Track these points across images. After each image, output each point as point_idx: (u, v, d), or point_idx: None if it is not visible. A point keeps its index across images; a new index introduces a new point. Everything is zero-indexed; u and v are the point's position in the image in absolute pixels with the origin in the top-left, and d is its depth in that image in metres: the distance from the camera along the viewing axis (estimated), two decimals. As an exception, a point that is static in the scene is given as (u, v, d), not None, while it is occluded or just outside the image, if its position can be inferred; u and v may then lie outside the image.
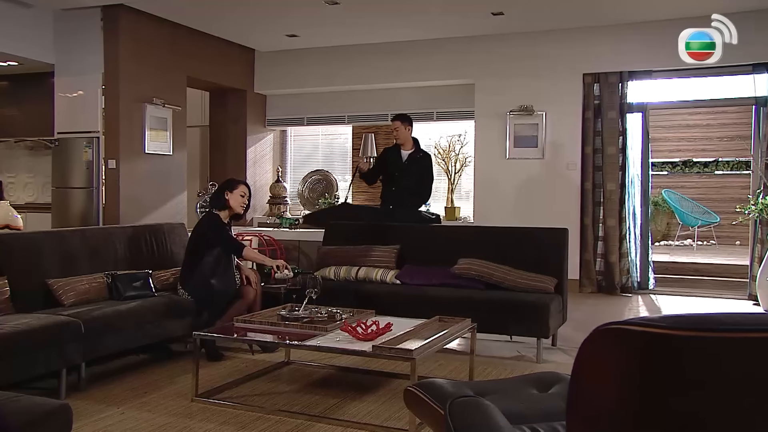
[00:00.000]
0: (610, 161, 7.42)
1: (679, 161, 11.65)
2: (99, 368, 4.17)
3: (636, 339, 1.11)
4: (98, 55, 6.97)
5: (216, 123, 9.16)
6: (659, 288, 7.60)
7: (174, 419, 3.37)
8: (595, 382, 1.17)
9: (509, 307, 4.42)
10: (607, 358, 1.15)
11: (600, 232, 7.48)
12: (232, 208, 4.62)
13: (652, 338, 1.09)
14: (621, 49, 7.34)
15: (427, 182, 5.94)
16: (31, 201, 8.21)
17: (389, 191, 6.02)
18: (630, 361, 1.11)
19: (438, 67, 8.10)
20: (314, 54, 8.70)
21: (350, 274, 5.25)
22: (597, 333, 1.16)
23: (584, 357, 1.18)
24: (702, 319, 1.12)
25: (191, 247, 4.64)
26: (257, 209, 9.15)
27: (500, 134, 7.80)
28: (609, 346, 1.14)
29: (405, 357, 3.18)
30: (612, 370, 1.14)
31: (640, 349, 1.11)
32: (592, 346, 1.16)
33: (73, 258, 4.33)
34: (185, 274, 4.61)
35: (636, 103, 7.45)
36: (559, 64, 7.56)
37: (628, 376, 1.12)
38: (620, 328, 1.12)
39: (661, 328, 1.09)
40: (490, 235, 5.26)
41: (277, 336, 3.74)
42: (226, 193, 4.60)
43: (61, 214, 7.15)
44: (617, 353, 1.13)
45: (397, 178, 5.92)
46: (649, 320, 1.11)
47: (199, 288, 4.52)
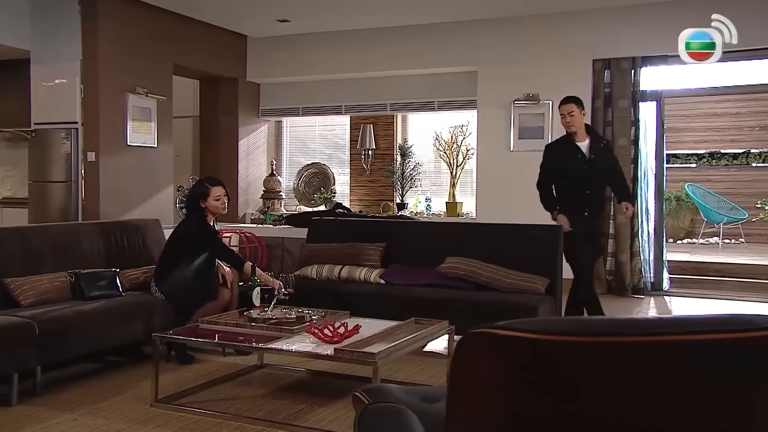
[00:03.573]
0: (621, 154, 7.30)
1: (706, 153, 11.53)
2: (62, 372, 4.23)
3: (503, 343, 1.11)
4: (76, 41, 7.04)
5: (207, 113, 9.21)
6: (675, 289, 7.53)
7: (128, 425, 3.41)
8: (468, 387, 1.18)
9: (494, 309, 4.41)
10: (477, 363, 1.16)
11: (610, 229, 7.43)
12: (212, 213, 4.67)
13: (519, 342, 1.10)
14: (634, 33, 7.27)
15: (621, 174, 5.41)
16: (9, 196, 8.32)
17: (581, 194, 5.15)
18: (498, 366, 1.12)
19: (439, 53, 8.08)
20: (309, 40, 8.72)
21: (333, 273, 5.28)
22: (467, 337, 1.16)
23: (457, 361, 1.18)
24: (575, 323, 1.12)
25: (175, 246, 4.66)
26: (250, 204, 9.20)
27: (504, 125, 7.77)
28: (478, 350, 1.15)
29: (366, 360, 3.20)
30: (483, 374, 1.15)
31: (507, 353, 1.11)
32: (463, 350, 1.17)
33: (35, 256, 4.39)
34: (162, 272, 4.64)
35: (650, 91, 7.38)
36: (567, 50, 7.51)
37: (497, 380, 1.13)
38: (488, 332, 1.12)
39: (527, 332, 1.09)
40: (482, 232, 5.26)
41: (242, 338, 3.77)
42: (202, 202, 4.63)
43: (39, 209, 7.25)
44: (487, 357, 1.14)
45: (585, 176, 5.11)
46: (516, 324, 1.11)
47: (176, 288, 4.56)
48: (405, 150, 8.75)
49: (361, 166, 9.02)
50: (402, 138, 8.99)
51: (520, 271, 4.77)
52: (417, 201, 8.64)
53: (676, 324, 1.10)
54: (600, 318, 1.13)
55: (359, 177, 9.13)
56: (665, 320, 1.16)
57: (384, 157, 8.95)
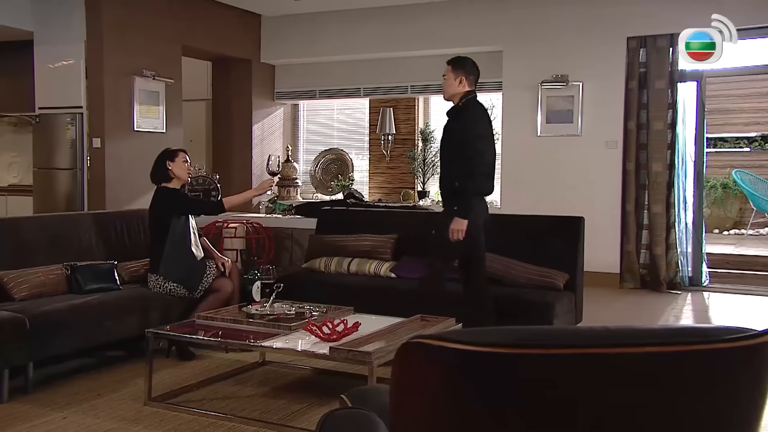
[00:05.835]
0: (656, 138, 7.27)
1: (757, 136, 11.29)
2: (57, 368, 4.34)
3: (436, 355, 1.13)
4: (80, 21, 7.15)
5: (219, 97, 9.31)
6: (715, 285, 7.42)
7: (119, 425, 3.50)
8: (406, 398, 1.20)
9: (507, 305, 4.41)
10: (414, 373, 1.18)
11: (644, 219, 7.35)
12: (178, 177, 4.77)
13: (452, 354, 1.11)
14: (672, 8, 7.15)
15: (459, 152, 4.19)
16: (15, 183, 8.51)
17: None
18: (431, 377, 1.14)
19: (463, 32, 8.04)
20: (326, 18, 8.74)
21: (342, 266, 5.32)
22: (403, 347, 1.18)
23: (395, 372, 1.21)
24: (518, 334, 1.13)
25: (155, 230, 4.76)
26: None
27: (531, 108, 7.72)
28: (414, 362, 1.17)
29: (362, 360, 3.24)
30: (418, 384, 1.17)
31: (441, 365, 1.13)
32: (400, 361, 1.19)
33: (29, 248, 4.50)
34: (155, 260, 4.71)
35: (689, 71, 7.26)
36: (600, 27, 7.42)
37: (432, 392, 1.15)
38: (422, 342, 1.14)
39: (460, 344, 1.11)
40: (499, 223, 5.22)
41: (238, 335, 3.83)
42: (168, 164, 4.73)
43: (44, 197, 7.41)
44: (421, 369, 1.16)
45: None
46: (449, 335, 1.13)
47: (175, 268, 4.62)
48: (427, 135, 8.74)
49: (380, 152, 9.04)
50: (423, 122, 8.99)
51: (539, 266, 4.75)
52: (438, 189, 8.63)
53: (620, 335, 1.10)
54: (528, 329, 1.13)
55: (378, 163, 9.15)
56: (613, 331, 1.17)
57: (405, 142, 8.95)
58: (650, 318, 6.18)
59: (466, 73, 4.33)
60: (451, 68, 4.37)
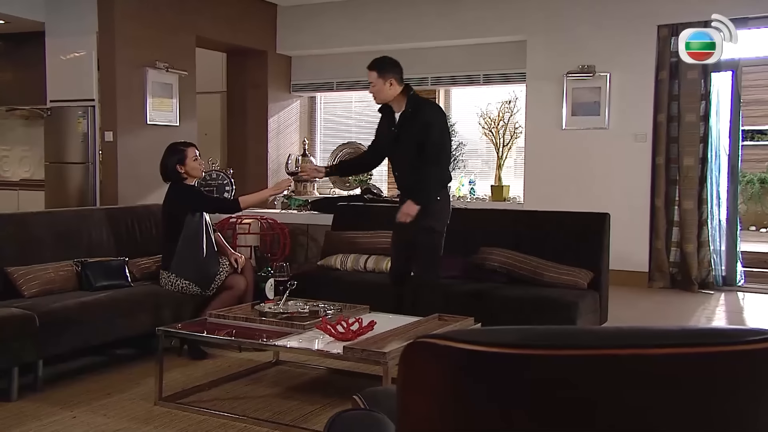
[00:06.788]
0: (688, 131, 7.20)
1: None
2: (66, 366, 4.39)
3: (443, 354, 1.13)
4: (92, 12, 7.21)
5: (234, 89, 9.35)
6: (751, 285, 7.34)
7: (129, 425, 3.54)
8: (413, 397, 1.21)
9: (529, 305, 4.41)
10: (420, 374, 1.19)
11: (674, 216, 7.29)
12: (192, 176, 4.80)
13: (458, 354, 1.12)
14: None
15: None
16: (27, 177, 8.62)
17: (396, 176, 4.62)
18: (437, 377, 1.15)
19: (485, 21, 8.02)
20: (344, 8, 8.75)
21: (358, 263, 5.34)
22: (409, 347, 1.19)
23: (401, 371, 1.22)
24: (526, 334, 1.13)
25: (168, 226, 4.79)
26: (280, 187, 9.31)
27: (556, 100, 7.68)
28: (420, 361, 1.17)
29: (376, 360, 3.25)
30: (425, 385, 1.18)
31: (447, 364, 1.14)
32: (407, 360, 1.20)
33: (39, 244, 4.56)
34: (167, 257, 4.75)
35: (725, 60, 7.13)
36: (628, 14, 7.35)
37: (438, 392, 1.16)
38: (428, 342, 1.15)
39: (466, 344, 1.11)
40: (521, 219, 5.23)
41: (251, 334, 3.85)
42: (179, 167, 4.74)
43: (56, 192, 7.50)
44: (427, 369, 1.17)
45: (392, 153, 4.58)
46: (456, 335, 1.13)
47: (188, 266, 4.67)
48: (448, 128, 8.71)
49: (400, 146, 9.01)
50: (445, 114, 8.95)
51: (562, 264, 4.74)
52: (460, 184, 8.62)
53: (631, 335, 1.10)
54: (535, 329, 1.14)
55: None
56: (624, 331, 1.17)
57: (425, 135, 8.92)
58: (679, 319, 6.13)
59: (393, 73, 4.42)
60: (377, 74, 4.41)
